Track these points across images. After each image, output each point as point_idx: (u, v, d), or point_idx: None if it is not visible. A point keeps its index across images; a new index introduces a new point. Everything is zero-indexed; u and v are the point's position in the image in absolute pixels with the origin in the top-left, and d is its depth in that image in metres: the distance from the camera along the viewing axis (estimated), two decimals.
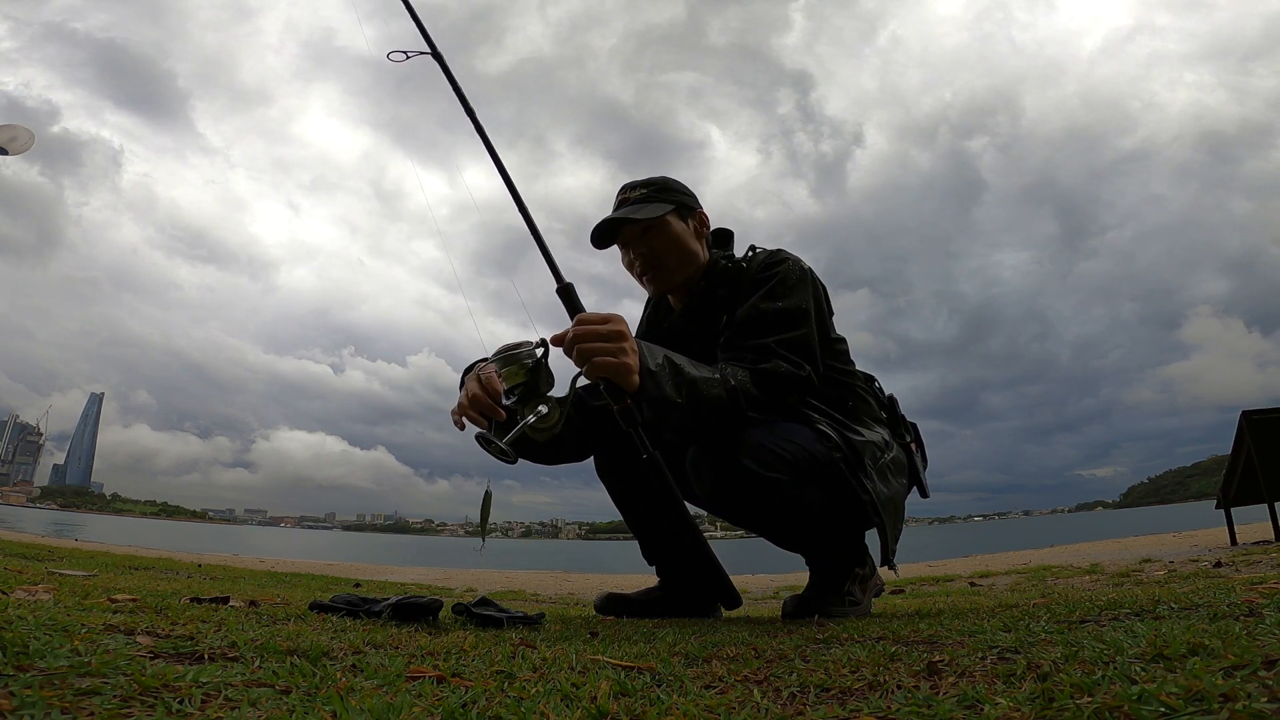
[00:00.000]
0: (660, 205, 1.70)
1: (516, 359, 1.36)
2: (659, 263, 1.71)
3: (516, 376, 1.37)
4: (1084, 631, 0.93)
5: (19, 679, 0.60)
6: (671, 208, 1.71)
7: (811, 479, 1.51)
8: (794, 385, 1.54)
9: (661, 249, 1.70)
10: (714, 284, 1.73)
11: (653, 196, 1.72)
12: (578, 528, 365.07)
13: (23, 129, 3.25)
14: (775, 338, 1.55)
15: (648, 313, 1.94)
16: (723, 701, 0.68)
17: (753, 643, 1.07)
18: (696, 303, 1.75)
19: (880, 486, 1.57)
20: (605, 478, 1.91)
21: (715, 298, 1.72)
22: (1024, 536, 22.27)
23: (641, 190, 1.73)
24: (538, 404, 1.35)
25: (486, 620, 1.34)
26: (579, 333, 1.32)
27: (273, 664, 0.76)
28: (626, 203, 1.72)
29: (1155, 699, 0.55)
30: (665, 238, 1.70)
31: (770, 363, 1.52)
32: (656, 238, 1.70)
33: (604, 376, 1.33)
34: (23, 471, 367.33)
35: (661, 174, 1.82)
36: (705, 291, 1.74)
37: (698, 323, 1.73)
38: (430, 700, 0.65)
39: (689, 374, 1.41)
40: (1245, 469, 7.94)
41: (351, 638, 1.00)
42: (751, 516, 1.59)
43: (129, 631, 0.88)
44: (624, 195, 1.75)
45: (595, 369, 1.31)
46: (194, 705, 0.59)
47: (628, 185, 1.77)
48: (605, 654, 0.96)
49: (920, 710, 0.61)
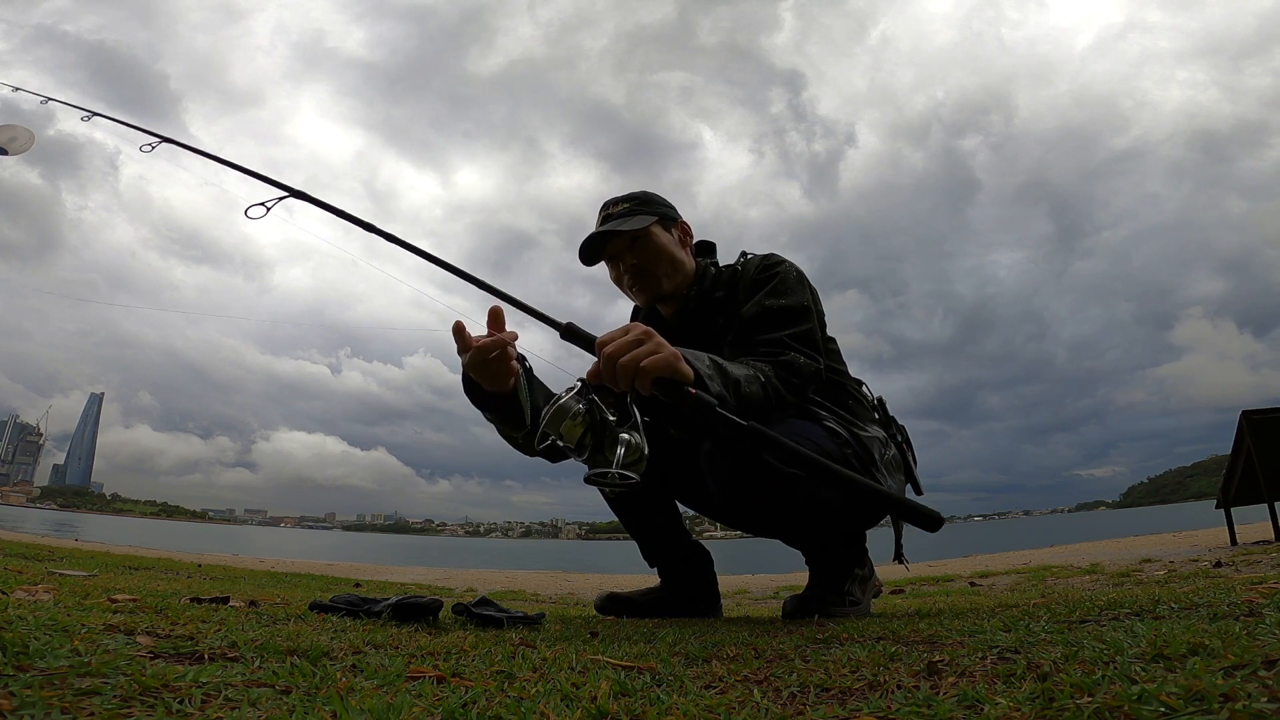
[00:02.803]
0: (644, 218, 1.72)
1: (565, 412, 1.21)
2: (648, 272, 1.73)
3: (576, 430, 1.21)
4: (1084, 631, 0.93)
5: (19, 679, 0.60)
6: (655, 219, 1.73)
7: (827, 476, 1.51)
8: (812, 377, 1.54)
9: (649, 259, 1.72)
10: (708, 289, 1.75)
11: (635, 210, 1.74)
12: (578, 528, 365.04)
13: (22, 129, 3.24)
14: (787, 332, 1.56)
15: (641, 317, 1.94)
16: (723, 701, 0.68)
17: (753, 643, 1.07)
18: (691, 307, 1.76)
19: (890, 482, 1.62)
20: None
21: (710, 302, 1.74)
22: (1024, 536, 22.27)
23: (624, 205, 1.75)
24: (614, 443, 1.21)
25: (486, 620, 1.34)
26: (610, 352, 1.23)
27: (273, 664, 0.76)
28: (610, 218, 1.74)
29: (1155, 699, 0.55)
30: (652, 248, 1.72)
31: (788, 355, 1.52)
32: (644, 249, 1.72)
33: (659, 377, 1.23)
34: (23, 471, 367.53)
35: (642, 187, 1.86)
36: (699, 296, 1.76)
37: (692, 328, 1.74)
38: (430, 700, 0.65)
39: (732, 373, 1.39)
40: (1245, 469, 7.94)
41: (351, 638, 1.00)
42: (766, 513, 1.57)
43: (129, 631, 0.88)
44: (606, 211, 1.77)
45: (646, 373, 1.21)
46: (194, 705, 0.59)
47: (609, 201, 1.79)
48: (605, 654, 0.96)
49: (920, 710, 0.61)
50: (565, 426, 1.21)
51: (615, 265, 1.76)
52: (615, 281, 1.80)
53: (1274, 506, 7.49)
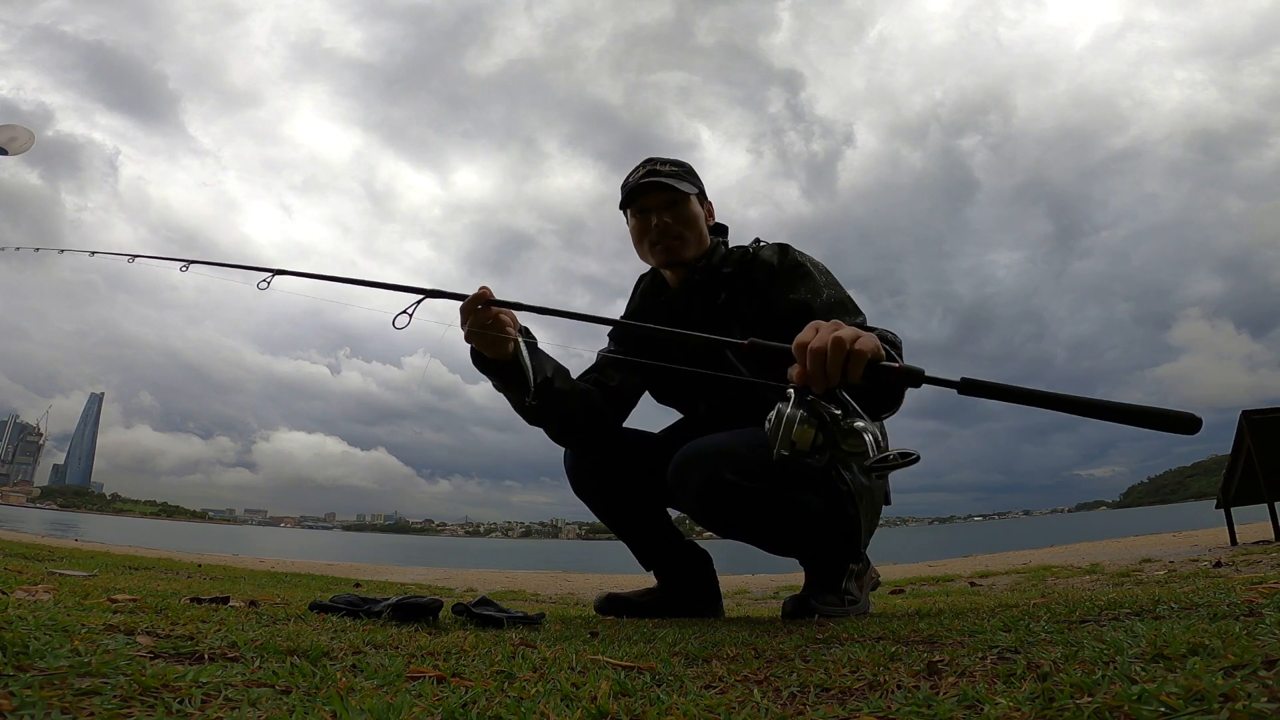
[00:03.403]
0: (690, 184, 1.80)
1: (792, 422, 1.14)
2: (679, 234, 1.78)
3: (809, 433, 1.14)
4: (1084, 631, 0.93)
5: (19, 679, 0.60)
6: (697, 190, 1.82)
7: (794, 484, 1.53)
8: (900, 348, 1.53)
9: (684, 224, 1.78)
10: (716, 264, 1.81)
11: (682, 175, 1.81)
12: (578, 528, 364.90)
13: (22, 129, 3.24)
14: (859, 319, 1.58)
15: (642, 286, 1.98)
16: (723, 701, 0.68)
17: (753, 643, 1.07)
18: (697, 279, 1.81)
19: (860, 479, 1.63)
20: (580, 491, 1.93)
21: (717, 276, 1.79)
22: (1024, 536, 22.27)
23: (672, 166, 1.81)
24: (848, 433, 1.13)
25: (486, 620, 1.34)
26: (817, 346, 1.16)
27: (273, 664, 0.76)
28: (655, 174, 1.78)
29: (1155, 699, 0.55)
30: (688, 214, 1.79)
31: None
32: (681, 212, 1.78)
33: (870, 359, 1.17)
34: (23, 471, 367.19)
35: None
36: (706, 270, 1.81)
37: (698, 298, 1.81)
38: (430, 700, 0.65)
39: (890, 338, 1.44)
40: (1245, 469, 7.94)
41: (351, 638, 1.00)
42: (738, 528, 1.60)
43: (129, 631, 0.88)
44: (652, 166, 1.81)
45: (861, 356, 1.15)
46: (194, 705, 0.59)
47: (656, 159, 1.83)
48: (605, 654, 0.96)
49: (920, 710, 0.61)
50: (797, 433, 1.14)
51: (646, 218, 1.79)
52: (639, 232, 1.82)
53: (1274, 506, 7.49)
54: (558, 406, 1.69)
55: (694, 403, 1.89)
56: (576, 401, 1.74)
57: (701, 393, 1.84)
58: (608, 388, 1.83)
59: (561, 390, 1.68)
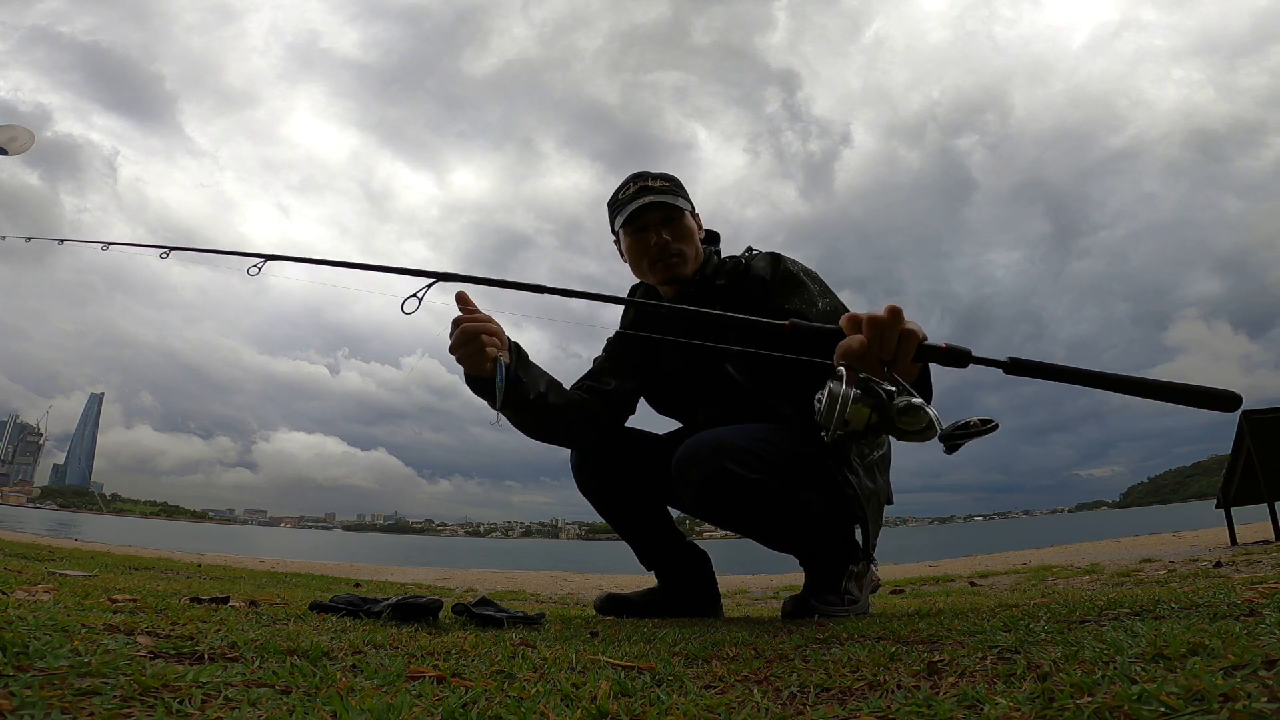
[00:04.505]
0: (684, 201, 1.80)
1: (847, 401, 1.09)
2: (679, 251, 1.77)
3: (863, 411, 1.09)
4: (1084, 631, 0.93)
5: (19, 679, 0.60)
6: (690, 206, 1.82)
7: (796, 481, 1.54)
8: None
9: (682, 239, 1.78)
10: (710, 276, 1.81)
11: (675, 191, 1.80)
12: (578, 528, 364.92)
13: (22, 129, 3.24)
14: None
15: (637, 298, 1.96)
16: (723, 701, 0.68)
17: (753, 643, 1.07)
18: (692, 290, 1.81)
19: (866, 481, 1.63)
20: (584, 489, 1.95)
21: (710, 288, 1.79)
22: (1024, 536, 22.27)
23: (663, 181, 1.80)
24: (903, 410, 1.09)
25: (486, 620, 1.34)
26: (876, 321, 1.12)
27: (273, 664, 0.76)
28: (648, 190, 1.77)
29: (1155, 699, 0.55)
30: (686, 230, 1.79)
31: None
32: (679, 229, 1.78)
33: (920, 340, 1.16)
34: (23, 471, 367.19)
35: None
36: (700, 282, 1.80)
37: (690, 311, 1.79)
38: (430, 700, 0.65)
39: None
40: (1245, 469, 7.94)
41: (351, 638, 1.00)
42: (738, 519, 1.61)
43: (129, 631, 0.88)
44: (644, 183, 1.79)
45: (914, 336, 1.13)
46: (194, 705, 0.59)
47: (647, 174, 1.81)
48: (605, 654, 0.96)
49: (920, 710, 0.61)
50: (851, 412, 1.09)
51: (644, 236, 1.77)
52: (636, 250, 1.79)
53: (1274, 506, 7.49)
54: (553, 420, 1.70)
55: (694, 411, 1.90)
56: (572, 414, 1.74)
57: (701, 401, 1.85)
58: (604, 393, 1.83)
59: (555, 404, 1.68)
